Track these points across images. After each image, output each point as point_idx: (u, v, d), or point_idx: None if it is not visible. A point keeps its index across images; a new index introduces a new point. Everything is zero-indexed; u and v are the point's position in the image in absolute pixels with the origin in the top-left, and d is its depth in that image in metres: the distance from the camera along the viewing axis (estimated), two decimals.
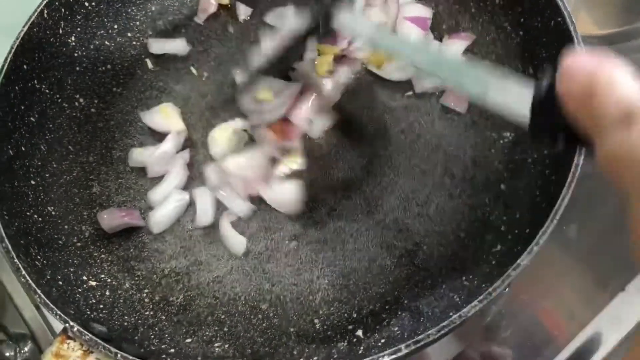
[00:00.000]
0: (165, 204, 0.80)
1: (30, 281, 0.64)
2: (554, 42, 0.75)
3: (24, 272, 0.65)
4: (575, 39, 0.70)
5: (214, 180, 0.80)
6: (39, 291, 0.64)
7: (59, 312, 0.62)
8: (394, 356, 0.57)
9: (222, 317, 0.74)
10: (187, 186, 0.83)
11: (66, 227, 0.79)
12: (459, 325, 0.58)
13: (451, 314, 0.62)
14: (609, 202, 0.90)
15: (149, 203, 0.82)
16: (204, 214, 0.80)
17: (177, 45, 0.93)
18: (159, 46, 0.93)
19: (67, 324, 0.62)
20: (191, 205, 0.82)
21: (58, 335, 0.64)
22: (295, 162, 0.81)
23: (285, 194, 0.79)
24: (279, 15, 0.93)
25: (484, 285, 0.65)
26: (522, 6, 0.81)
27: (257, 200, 0.81)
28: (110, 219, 0.79)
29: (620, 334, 0.83)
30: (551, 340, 0.82)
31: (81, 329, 0.61)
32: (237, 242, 0.78)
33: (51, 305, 0.63)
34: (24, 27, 0.81)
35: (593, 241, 0.88)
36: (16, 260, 0.66)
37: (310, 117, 0.82)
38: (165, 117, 0.85)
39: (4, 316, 0.95)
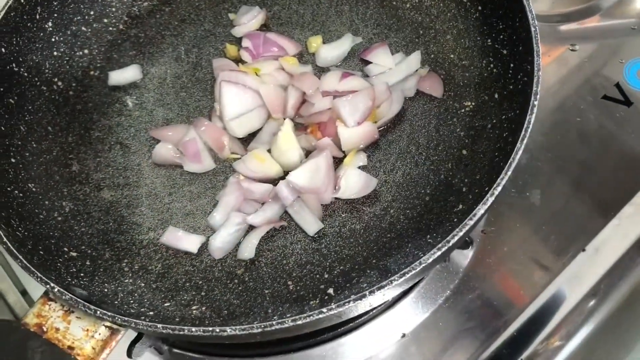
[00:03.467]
0: (225, 228, 0.79)
1: (11, 247, 0.67)
2: (509, 14, 0.79)
3: (5, 239, 0.68)
4: (528, 11, 0.74)
5: (286, 197, 0.79)
6: (20, 257, 0.67)
7: (40, 275, 0.65)
8: (359, 302, 0.60)
9: (200, 282, 0.77)
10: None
11: (47, 202, 0.81)
12: (420, 272, 0.62)
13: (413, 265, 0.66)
14: (569, 170, 0.94)
15: (210, 227, 0.81)
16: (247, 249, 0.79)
17: (133, 73, 0.94)
18: (117, 77, 0.94)
19: (48, 286, 0.64)
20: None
21: (40, 297, 0.67)
22: (361, 160, 0.83)
23: (358, 182, 0.80)
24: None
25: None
26: None
27: None
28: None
29: (581, 292, 0.87)
30: (517, 300, 0.86)
31: (62, 290, 0.64)
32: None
33: (32, 269, 0.65)
34: (0, 11, 0.84)
35: (555, 206, 0.92)
36: None
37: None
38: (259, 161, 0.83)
39: None
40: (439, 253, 0.62)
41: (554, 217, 0.91)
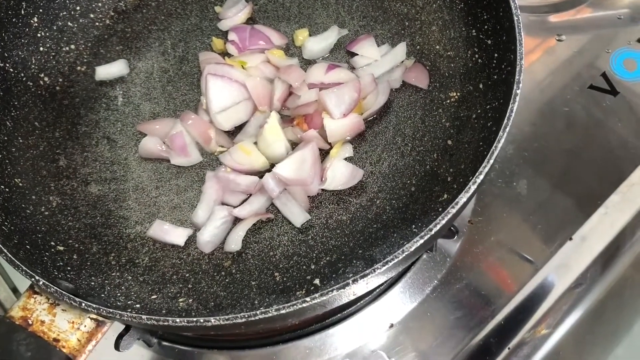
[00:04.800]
0: (211, 222, 0.79)
1: None
2: (493, 4, 0.80)
3: None
4: (511, 1, 0.74)
5: (273, 189, 0.79)
6: (5, 250, 0.67)
7: (24, 269, 0.65)
8: (342, 290, 0.60)
9: (187, 275, 0.77)
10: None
11: (33, 197, 0.81)
12: (403, 260, 0.62)
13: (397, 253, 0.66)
14: (556, 160, 0.95)
15: (194, 226, 0.81)
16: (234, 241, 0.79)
17: (120, 68, 0.94)
18: (104, 72, 0.94)
19: (33, 279, 0.64)
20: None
21: (25, 291, 0.67)
22: (347, 151, 0.83)
23: (344, 173, 0.80)
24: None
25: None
26: None
27: None
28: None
29: (568, 281, 0.87)
30: (504, 289, 0.87)
31: (47, 283, 0.64)
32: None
33: (17, 262, 0.65)
34: None
35: (542, 196, 0.92)
36: None
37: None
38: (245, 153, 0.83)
39: None
40: (421, 241, 0.62)
41: (541, 207, 0.92)
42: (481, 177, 0.65)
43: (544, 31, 1.08)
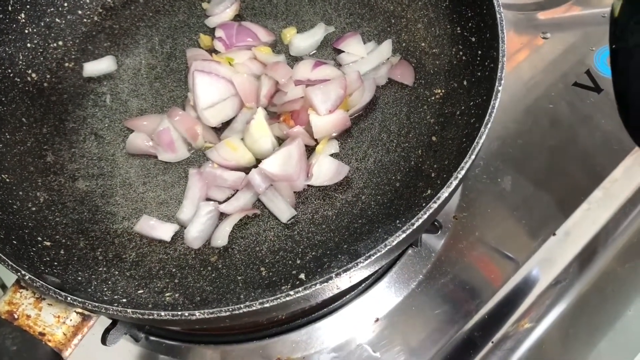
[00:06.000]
0: (197, 218, 0.80)
1: None
2: (477, 2, 0.80)
3: None
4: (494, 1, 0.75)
5: (259, 184, 0.80)
6: None
7: (10, 263, 0.65)
8: (325, 284, 0.61)
9: (173, 270, 0.78)
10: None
11: (20, 193, 0.82)
12: (385, 254, 0.63)
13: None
14: (540, 157, 0.96)
15: (181, 223, 0.81)
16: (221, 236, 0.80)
17: (108, 64, 0.94)
18: (92, 68, 0.94)
19: (19, 274, 0.65)
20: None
21: (11, 285, 0.67)
22: (333, 147, 0.84)
23: (330, 169, 0.81)
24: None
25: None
26: None
27: None
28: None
29: (551, 276, 0.89)
30: (488, 284, 0.88)
31: (33, 277, 0.65)
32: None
33: (3, 257, 0.66)
34: None
35: (526, 192, 0.93)
36: None
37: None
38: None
39: None
40: (403, 235, 0.63)
41: (525, 203, 0.93)
42: (463, 172, 0.66)
43: (530, 29, 1.09)
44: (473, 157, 0.66)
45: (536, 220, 0.91)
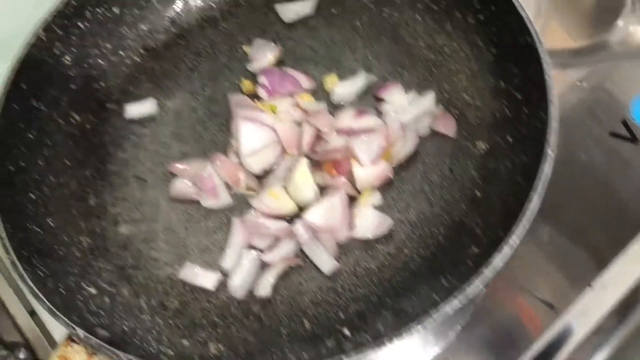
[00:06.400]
0: (241, 267, 0.81)
1: (36, 290, 0.68)
2: (524, 59, 0.81)
3: (29, 282, 0.69)
4: (542, 60, 0.76)
5: (303, 236, 0.80)
6: (45, 300, 0.68)
7: (65, 320, 0.66)
8: (377, 349, 0.62)
9: (216, 319, 0.78)
10: None
11: (65, 238, 0.82)
12: (439, 320, 0.63)
13: (431, 311, 0.68)
14: (577, 207, 0.96)
15: (223, 271, 0.82)
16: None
17: (150, 106, 0.96)
18: (134, 110, 0.96)
19: (73, 330, 0.65)
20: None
21: (63, 339, 0.68)
22: (375, 199, 0.84)
23: (373, 221, 0.82)
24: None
25: (462, 285, 0.71)
26: (496, 25, 0.86)
27: None
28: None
29: (588, 326, 0.89)
30: (525, 334, 0.88)
31: (87, 334, 0.65)
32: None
33: (57, 313, 0.67)
34: (22, 48, 0.85)
35: (561, 242, 0.94)
36: (22, 270, 0.70)
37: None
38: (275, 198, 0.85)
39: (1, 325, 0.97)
40: (457, 303, 0.64)
41: (561, 253, 0.93)
42: (515, 239, 0.66)
43: (564, 75, 1.09)
44: (524, 225, 0.67)
45: (572, 271, 0.91)
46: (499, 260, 0.65)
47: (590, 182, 0.98)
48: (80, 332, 0.65)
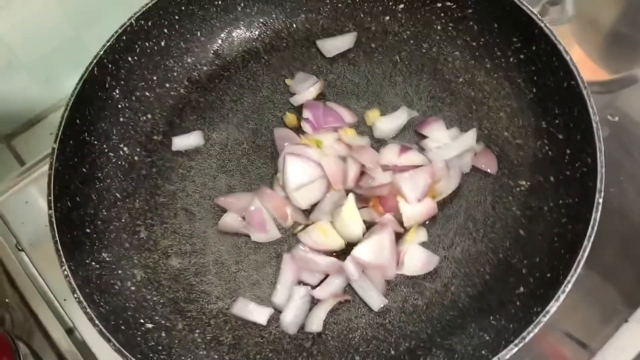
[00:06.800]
0: (292, 303, 0.83)
1: (104, 330, 0.70)
2: (566, 101, 0.84)
3: (97, 322, 0.71)
4: (588, 103, 0.78)
5: (353, 272, 0.82)
6: (112, 339, 0.70)
7: (132, 358, 0.68)
8: None
9: (270, 355, 0.81)
10: None
11: (120, 272, 0.85)
12: None
13: (484, 352, 0.70)
14: (612, 243, 0.98)
15: (275, 307, 0.84)
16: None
17: (196, 139, 0.98)
18: (180, 142, 0.98)
19: None
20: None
21: None
22: (422, 236, 0.87)
23: (420, 259, 0.84)
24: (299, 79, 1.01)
25: (511, 326, 0.73)
26: (536, 65, 0.89)
27: None
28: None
29: None
30: None
31: None
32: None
33: (126, 352, 0.69)
34: (77, 84, 0.87)
35: (597, 277, 0.96)
36: (88, 310, 0.72)
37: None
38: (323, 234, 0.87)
39: (35, 344, 0.99)
40: (515, 349, 0.66)
41: (597, 288, 0.95)
42: (569, 285, 0.69)
43: (597, 109, 1.11)
44: (577, 271, 0.69)
45: (608, 306, 0.94)
46: (554, 306, 0.68)
47: (624, 217, 1.01)
48: None
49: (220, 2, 1.01)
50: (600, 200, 0.73)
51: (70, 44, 1.14)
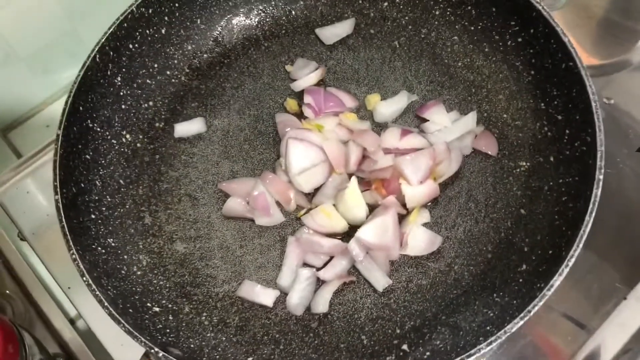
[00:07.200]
0: (298, 285, 0.84)
1: (113, 312, 0.71)
2: (565, 83, 0.85)
3: (106, 303, 0.72)
4: (587, 83, 0.80)
5: (357, 253, 0.83)
6: (122, 321, 0.70)
7: (144, 340, 0.69)
8: None
9: (277, 336, 0.82)
10: None
11: (125, 257, 0.85)
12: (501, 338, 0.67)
13: (489, 327, 0.71)
14: (610, 223, 1.00)
15: (280, 289, 0.85)
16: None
17: (198, 126, 0.98)
18: (182, 129, 0.98)
19: (152, 350, 0.68)
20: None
21: (139, 359, 0.71)
22: (424, 217, 0.88)
23: (424, 239, 0.86)
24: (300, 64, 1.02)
25: (515, 302, 0.75)
26: (534, 48, 0.90)
27: None
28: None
29: (622, 341, 0.93)
30: (559, 351, 0.92)
31: (165, 354, 0.68)
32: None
33: (136, 333, 0.69)
34: (80, 71, 0.87)
35: (595, 257, 0.98)
36: (98, 292, 0.72)
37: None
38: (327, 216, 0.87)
39: (37, 335, 0.99)
40: (521, 322, 0.67)
41: (595, 267, 0.97)
42: (572, 260, 0.70)
43: None
44: (579, 247, 0.70)
45: (606, 285, 0.95)
46: (557, 280, 0.69)
47: (620, 198, 1.02)
48: (160, 352, 0.68)
49: None
50: (601, 177, 0.74)
51: (66, 37, 1.14)
